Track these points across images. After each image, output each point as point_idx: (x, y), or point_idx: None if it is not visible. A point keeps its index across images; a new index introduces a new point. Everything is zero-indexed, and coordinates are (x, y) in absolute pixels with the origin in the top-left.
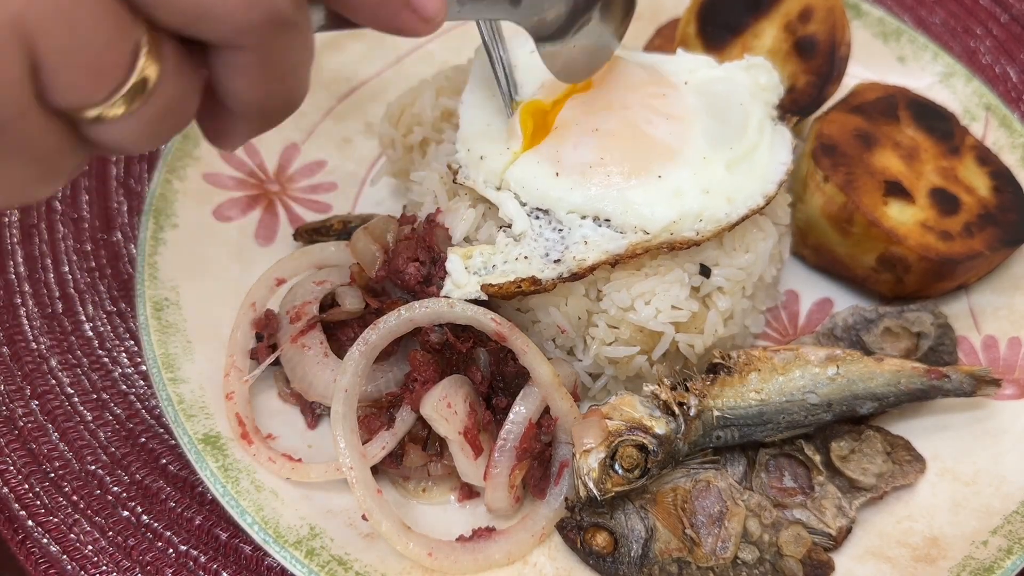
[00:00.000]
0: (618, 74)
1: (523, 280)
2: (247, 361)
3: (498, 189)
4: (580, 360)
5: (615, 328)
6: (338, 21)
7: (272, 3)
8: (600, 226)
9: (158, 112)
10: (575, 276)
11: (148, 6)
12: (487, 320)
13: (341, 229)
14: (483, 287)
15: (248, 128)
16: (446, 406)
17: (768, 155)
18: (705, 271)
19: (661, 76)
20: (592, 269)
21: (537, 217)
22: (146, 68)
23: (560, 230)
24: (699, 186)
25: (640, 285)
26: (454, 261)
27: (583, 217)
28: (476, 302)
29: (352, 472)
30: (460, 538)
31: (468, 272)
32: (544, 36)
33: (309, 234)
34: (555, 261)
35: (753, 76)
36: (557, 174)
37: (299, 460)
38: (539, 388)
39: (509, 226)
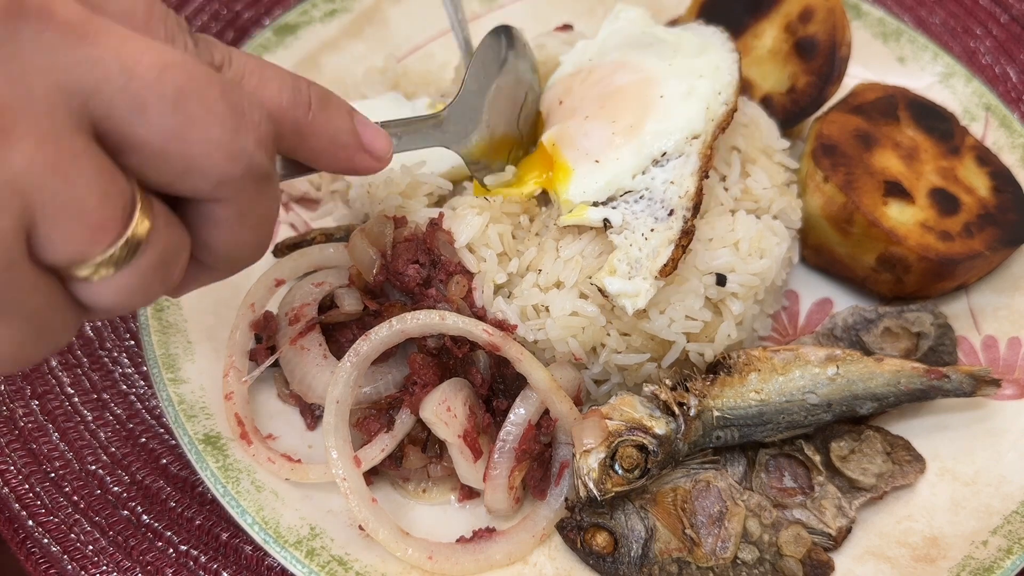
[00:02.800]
0: (548, 106)
1: (680, 239)
2: (246, 362)
3: (570, 212)
4: (588, 368)
5: (627, 335)
6: (295, 168)
7: (251, 157)
8: (665, 164)
9: (149, 269)
10: (696, 208)
11: (139, 165)
12: (479, 331)
13: (324, 243)
14: (661, 271)
15: (210, 278)
16: (445, 410)
17: (693, 36)
18: (721, 280)
19: (572, 72)
20: (700, 192)
21: (614, 206)
22: (139, 225)
23: (641, 196)
24: (694, 76)
25: (656, 294)
26: (611, 281)
27: (644, 172)
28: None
29: (346, 483)
30: (460, 539)
31: (627, 278)
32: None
33: (290, 250)
34: (669, 214)
35: (623, 19)
36: (597, 161)
37: (299, 460)
38: (537, 393)
39: (605, 226)
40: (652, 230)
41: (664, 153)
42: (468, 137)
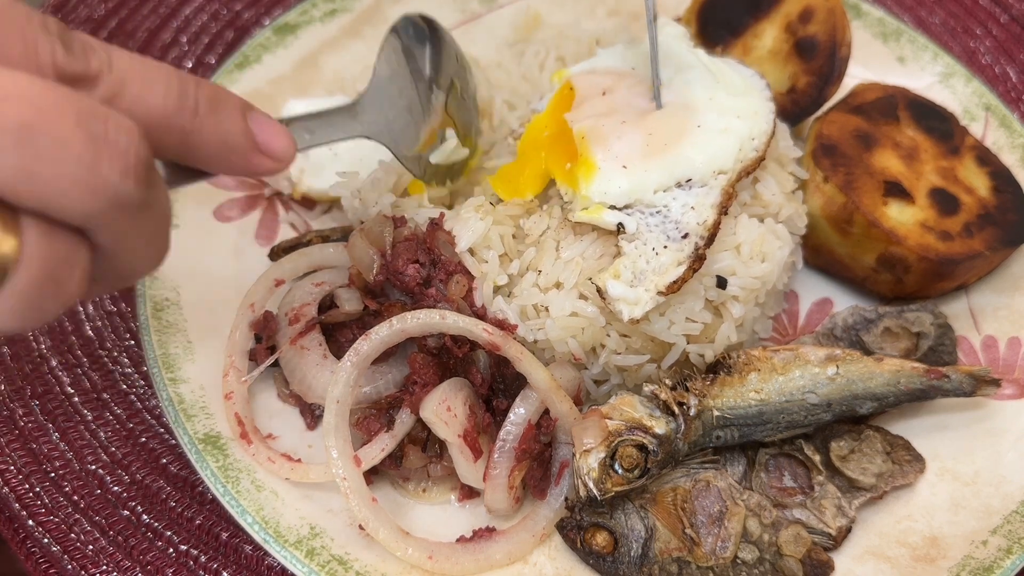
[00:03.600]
0: (587, 88)
1: (691, 262)
2: (246, 362)
3: (585, 210)
4: (587, 368)
5: (626, 336)
6: (186, 174)
7: (115, 189)
8: (688, 189)
9: (30, 288)
10: (711, 239)
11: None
12: (479, 331)
13: (321, 244)
14: (668, 287)
15: (105, 289)
16: (446, 409)
17: (734, 73)
18: (722, 283)
19: (616, 73)
20: (718, 225)
21: (629, 214)
22: (2, 246)
23: (659, 212)
24: (732, 116)
25: None
26: (614, 285)
27: (666, 190)
28: None
29: (346, 482)
30: (461, 539)
31: (630, 286)
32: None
33: (286, 252)
34: (683, 237)
35: (667, 33)
36: (625, 167)
37: (298, 460)
38: (537, 393)
39: (618, 232)
40: (665, 247)
41: (689, 179)
42: (390, 124)
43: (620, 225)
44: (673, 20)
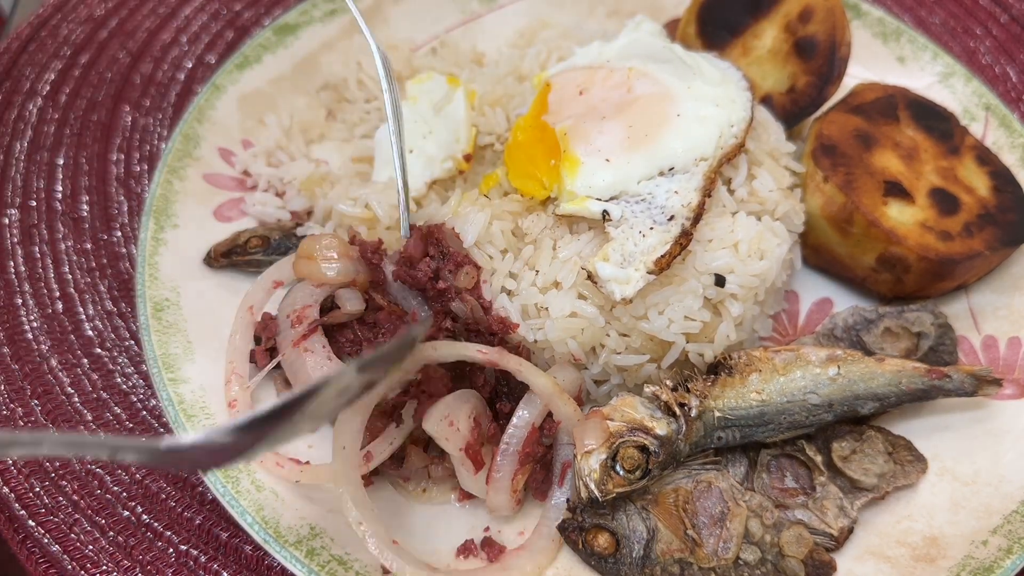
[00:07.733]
0: (564, 88)
1: (678, 239)
2: (247, 366)
3: (570, 202)
4: (587, 368)
5: (626, 336)
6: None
7: None
8: (671, 176)
9: None
10: (697, 219)
11: None
12: (474, 353)
13: (258, 246)
14: (657, 262)
15: None
16: (448, 425)
17: (712, 68)
18: (720, 281)
19: (589, 68)
20: (702, 206)
21: (616, 204)
22: None
23: (643, 199)
24: (711, 105)
25: (655, 295)
26: (604, 267)
27: (650, 179)
28: None
29: (362, 527)
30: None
31: (620, 267)
32: None
33: (224, 258)
34: (669, 219)
35: (644, 30)
36: (608, 160)
37: (307, 463)
38: (540, 398)
39: (603, 219)
40: (651, 229)
41: (672, 167)
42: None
43: (605, 212)
44: (672, 20)
